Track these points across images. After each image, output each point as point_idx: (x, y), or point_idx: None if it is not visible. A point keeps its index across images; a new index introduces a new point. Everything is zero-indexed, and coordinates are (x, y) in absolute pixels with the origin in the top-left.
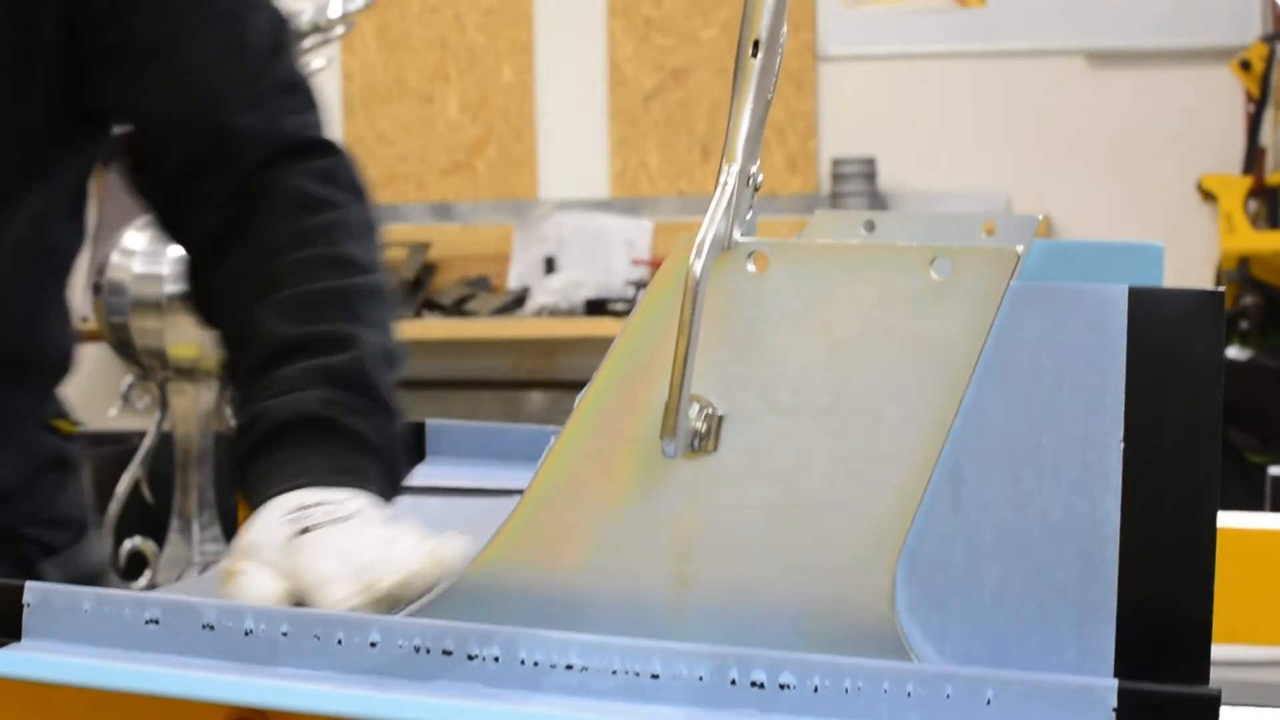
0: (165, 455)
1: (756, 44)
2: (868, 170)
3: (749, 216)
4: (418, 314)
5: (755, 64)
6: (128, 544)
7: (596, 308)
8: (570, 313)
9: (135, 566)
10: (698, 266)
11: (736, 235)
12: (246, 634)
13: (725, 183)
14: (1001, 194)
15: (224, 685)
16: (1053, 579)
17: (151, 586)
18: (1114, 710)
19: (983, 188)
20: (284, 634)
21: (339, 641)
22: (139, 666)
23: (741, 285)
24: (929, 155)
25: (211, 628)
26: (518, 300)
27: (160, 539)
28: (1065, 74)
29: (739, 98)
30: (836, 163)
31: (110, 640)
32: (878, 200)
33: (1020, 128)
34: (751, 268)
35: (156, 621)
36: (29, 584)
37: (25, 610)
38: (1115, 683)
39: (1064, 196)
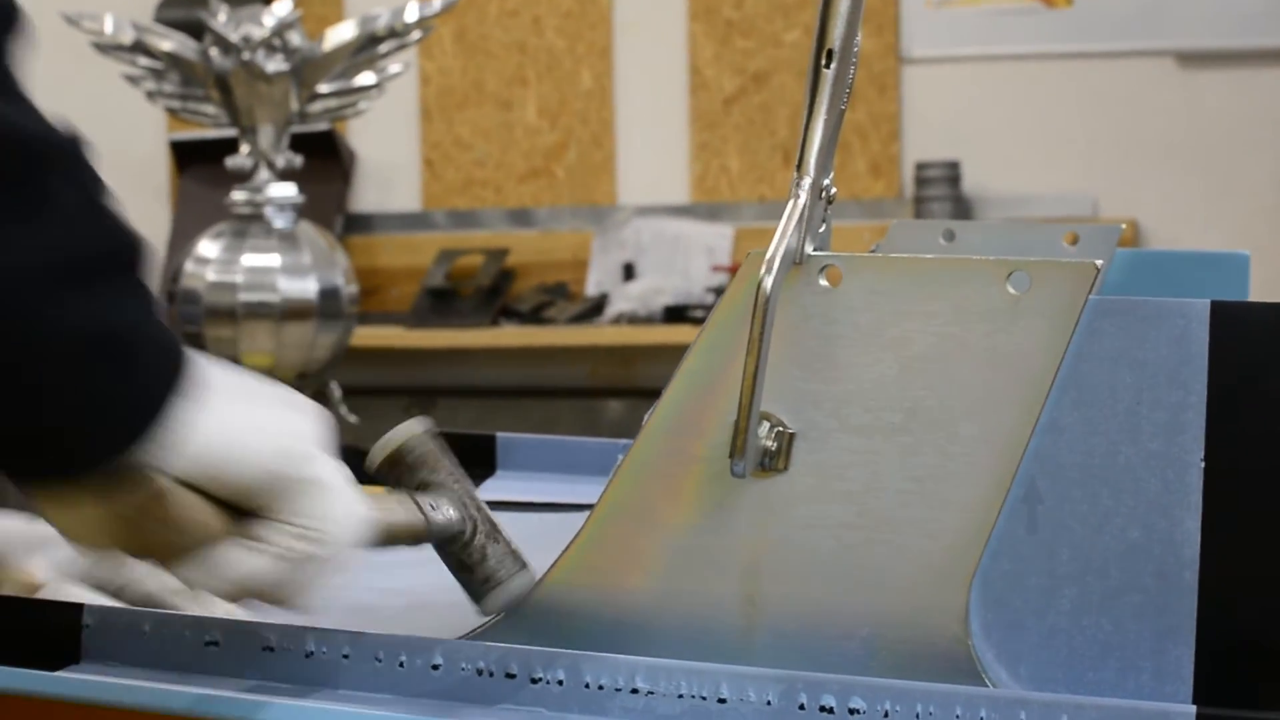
0: None
1: (830, 54)
2: (952, 174)
3: (822, 230)
4: (495, 321)
5: (829, 75)
6: None
7: (676, 315)
8: (649, 320)
9: None
10: (768, 282)
11: (809, 249)
12: (308, 656)
13: (798, 196)
14: (1088, 198)
15: (285, 709)
16: (1130, 601)
17: None
18: None
19: (1069, 192)
20: (345, 656)
21: (401, 664)
22: (198, 690)
23: (814, 300)
24: (1014, 158)
25: (272, 649)
26: (596, 307)
27: None
28: (1153, 75)
29: (813, 109)
30: (920, 166)
31: (170, 662)
32: (962, 204)
33: (1107, 130)
34: (824, 282)
35: (217, 643)
36: (87, 605)
37: (84, 632)
38: (1193, 709)
39: (1151, 200)
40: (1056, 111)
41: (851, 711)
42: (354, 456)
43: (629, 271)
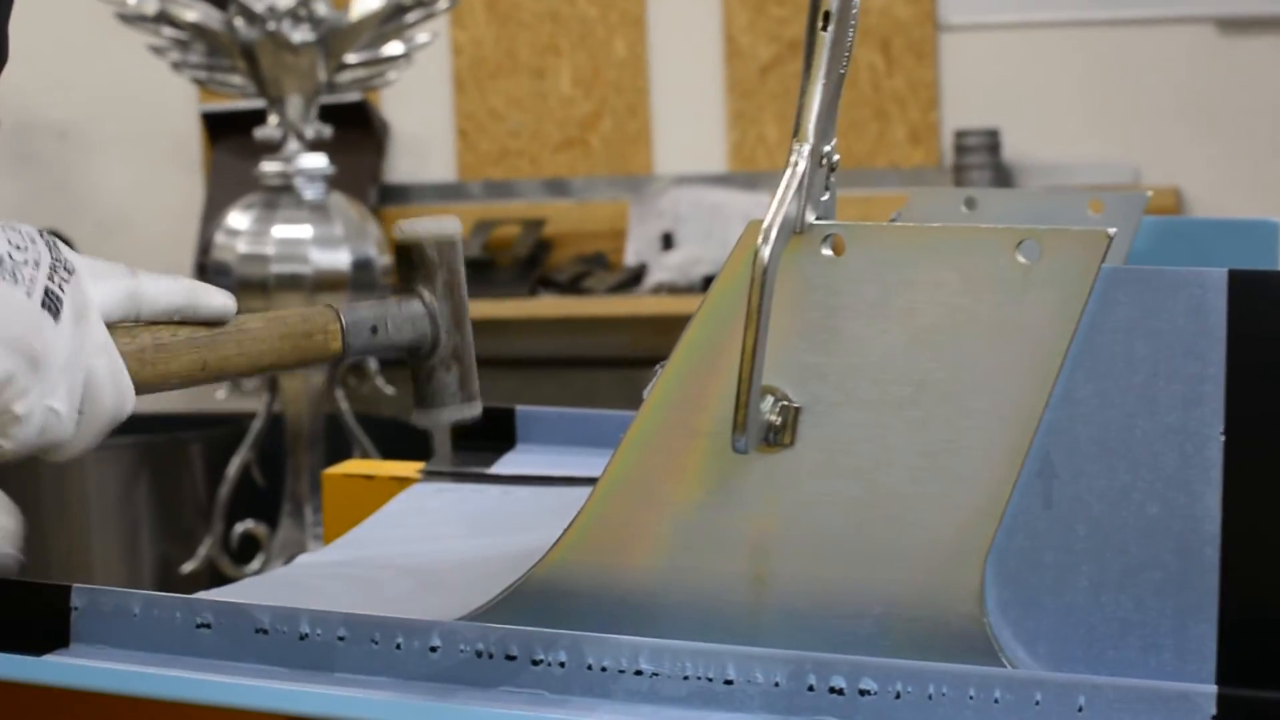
0: (276, 437)
1: (827, 16)
2: (991, 142)
3: (826, 198)
4: (533, 292)
5: (826, 38)
6: (239, 527)
7: None
8: (689, 289)
9: (247, 550)
10: (765, 251)
11: (811, 218)
12: (302, 638)
13: (796, 163)
14: (1129, 166)
15: (279, 694)
16: (1150, 578)
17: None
18: (1213, 717)
19: (1110, 159)
20: (340, 639)
21: (398, 646)
22: (191, 674)
23: (817, 270)
24: (1054, 126)
25: (265, 632)
26: (635, 277)
27: (272, 522)
28: (1194, 42)
29: (810, 74)
30: (959, 135)
31: (161, 645)
32: (1002, 172)
33: (1148, 98)
34: (827, 251)
35: (208, 626)
36: (75, 587)
37: (73, 614)
38: (1214, 689)
39: (1194, 168)
40: (1097, 78)
41: (862, 693)
42: (391, 427)
43: (667, 241)
